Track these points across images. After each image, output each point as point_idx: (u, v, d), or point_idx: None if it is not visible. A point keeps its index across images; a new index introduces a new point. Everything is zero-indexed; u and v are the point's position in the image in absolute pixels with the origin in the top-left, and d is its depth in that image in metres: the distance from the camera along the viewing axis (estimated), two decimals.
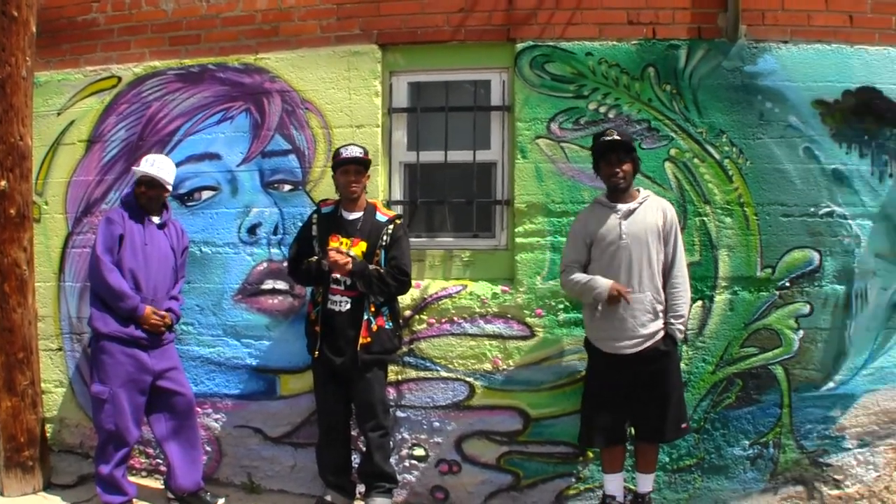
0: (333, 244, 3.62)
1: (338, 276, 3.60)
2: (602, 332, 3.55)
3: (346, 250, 3.61)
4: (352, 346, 3.59)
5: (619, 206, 3.55)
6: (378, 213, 3.74)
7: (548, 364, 3.94)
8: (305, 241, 3.74)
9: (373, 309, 3.63)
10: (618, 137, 3.49)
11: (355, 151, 3.66)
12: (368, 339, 3.60)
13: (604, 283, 3.47)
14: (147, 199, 3.76)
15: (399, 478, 3.90)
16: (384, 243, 3.67)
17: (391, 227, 3.70)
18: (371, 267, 3.60)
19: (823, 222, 3.90)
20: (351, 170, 3.65)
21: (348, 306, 3.62)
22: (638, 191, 3.64)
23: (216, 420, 4.17)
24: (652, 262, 3.51)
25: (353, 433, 3.87)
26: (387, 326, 3.69)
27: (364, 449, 3.79)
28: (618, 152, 3.50)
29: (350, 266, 3.53)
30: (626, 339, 3.48)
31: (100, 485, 3.68)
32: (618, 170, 3.52)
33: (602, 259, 3.54)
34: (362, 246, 3.65)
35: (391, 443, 3.88)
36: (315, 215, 3.78)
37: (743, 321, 3.91)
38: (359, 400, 3.69)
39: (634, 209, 3.54)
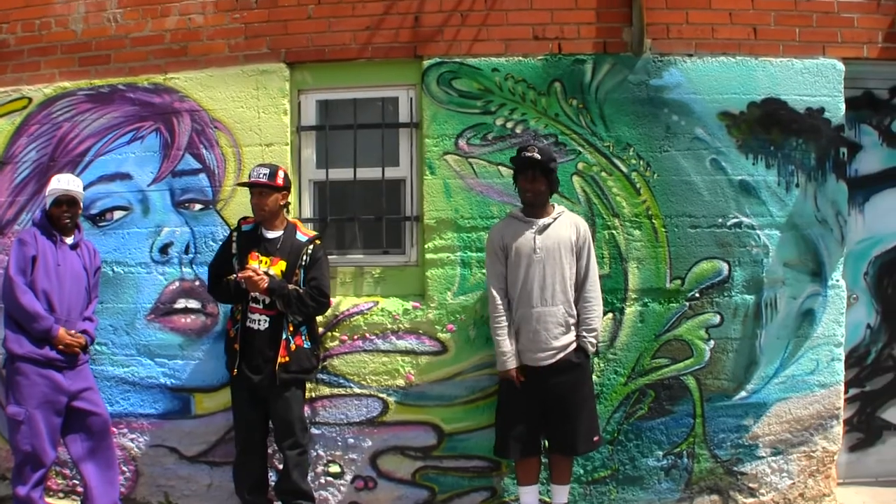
0: (253, 262, 3.85)
1: (256, 294, 3.84)
2: (518, 344, 3.81)
3: (264, 269, 3.84)
4: (270, 365, 3.83)
5: (534, 220, 3.83)
6: (298, 233, 3.97)
7: (460, 379, 4.20)
8: (225, 258, 3.97)
9: (291, 328, 3.87)
10: (537, 156, 3.73)
11: (259, 174, 3.87)
12: (287, 358, 3.84)
13: (508, 362, 3.78)
14: (68, 219, 3.96)
15: (315, 495, 4.14)
16: (304, 263, 3.91)
17: (311, 247, 3.94)
18: (290, 286, 3.84)
19: (732, 233, 4.18)
20: (255, 192, 3.90)
21: (267, 325, 3.86)
22: (553, 206, 3.91)
23: (132, 440, 4.40)
24: (565, 277, 3.79)
25: (270, 451, 4.12)
26: (305, 346, 3.93)
27: (281, 467, 4.04)
28: (534, 169, 3.77)
29: (265, 284, 3.77)
30: (539, 350, 3.76)
31: None
32: (529, 186, 3.79)
33: (516, 272, 3.80)
34: (282, 265, 3.89)
35: (308, 460, 4.14)
36: (235, 233, 4.01)
37: (654, 332, 4.19)
38: (277, 418, 3.92)
39: (549, 224, 3.82)
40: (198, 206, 4.41)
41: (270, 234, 3.95)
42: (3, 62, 4.57)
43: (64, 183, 3.98)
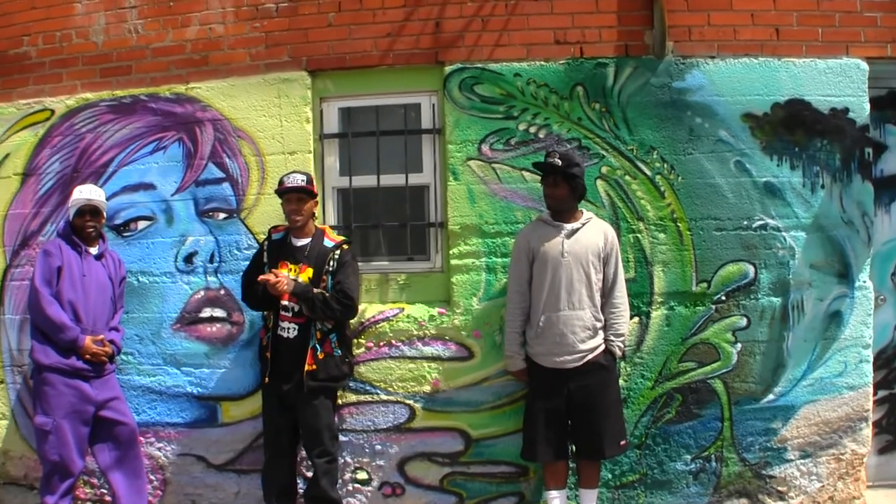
0: (283, 271, 4.02)
1: (286, 302, 3.99)
2: (542, 346, 3.99)
3: (293, 276, 3.99)
4: (298, 373, 3.99)
5: (563, 224, 4.01)
6: (326, 239, 4.13)
7: (487, 384, 4.36)
8: (257, 267, 4.14)
9: (319, 336, 4.03)
10: (557, 162, 3.91)
11: (297, 180, 4.03)
12: (314, 367, 4.00)
13: (516, 363, 4.10)
14: (92, 228, 4.15)
15: (343, 501, 4.32)
16: (331, 268, 4.06)
17: (338, 252, 4.09)
18: (316, 291, 4.00)
19: (757, 235, 4.32)
20: (293, 198, 4.04)
21: (295, 333, 4.03)
22: (581, 212, 4.09)
23: (159, 449, 4.58)
24: (591, 282, 3.97)
25: (298, 458, 4.29)
26: (335, 354, 4.08)
27: (310, 474, 4.22)
28: (555, 175, 3.96)
29: (284, 287, 3.91)
30: (566, 353, 3.94)
31: None
32: (550, 192, 4.00)
33: (543, 275, 3.97)
34: (309, 272, 4.04)
35: (337, 468, 4.27)
36: (266, 242, 4.19)
37: (680, 336, 4.33)
38: (305, 426, 4.08)
39: (577, 229, 4.00)
40: (222, 215, 4.59)
41: (299, 242, 4.13)
42: (25, 74, 4.76)
43: (86, 193, 4.17)
